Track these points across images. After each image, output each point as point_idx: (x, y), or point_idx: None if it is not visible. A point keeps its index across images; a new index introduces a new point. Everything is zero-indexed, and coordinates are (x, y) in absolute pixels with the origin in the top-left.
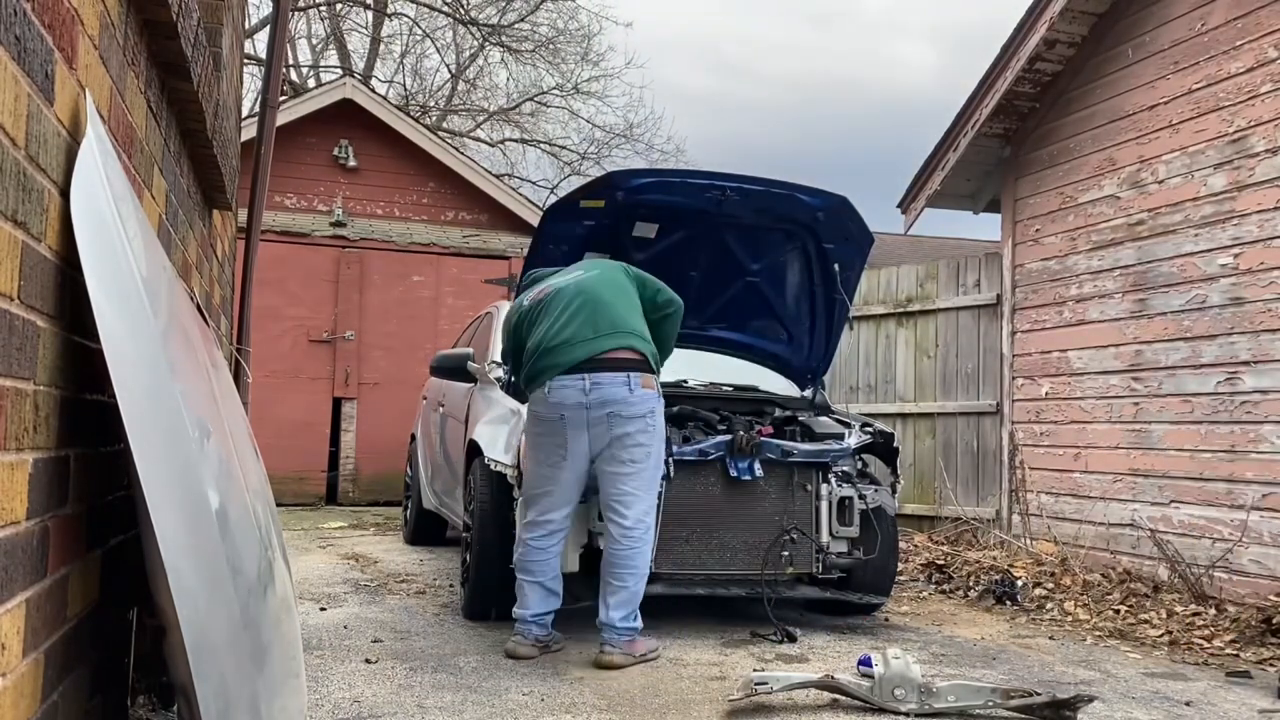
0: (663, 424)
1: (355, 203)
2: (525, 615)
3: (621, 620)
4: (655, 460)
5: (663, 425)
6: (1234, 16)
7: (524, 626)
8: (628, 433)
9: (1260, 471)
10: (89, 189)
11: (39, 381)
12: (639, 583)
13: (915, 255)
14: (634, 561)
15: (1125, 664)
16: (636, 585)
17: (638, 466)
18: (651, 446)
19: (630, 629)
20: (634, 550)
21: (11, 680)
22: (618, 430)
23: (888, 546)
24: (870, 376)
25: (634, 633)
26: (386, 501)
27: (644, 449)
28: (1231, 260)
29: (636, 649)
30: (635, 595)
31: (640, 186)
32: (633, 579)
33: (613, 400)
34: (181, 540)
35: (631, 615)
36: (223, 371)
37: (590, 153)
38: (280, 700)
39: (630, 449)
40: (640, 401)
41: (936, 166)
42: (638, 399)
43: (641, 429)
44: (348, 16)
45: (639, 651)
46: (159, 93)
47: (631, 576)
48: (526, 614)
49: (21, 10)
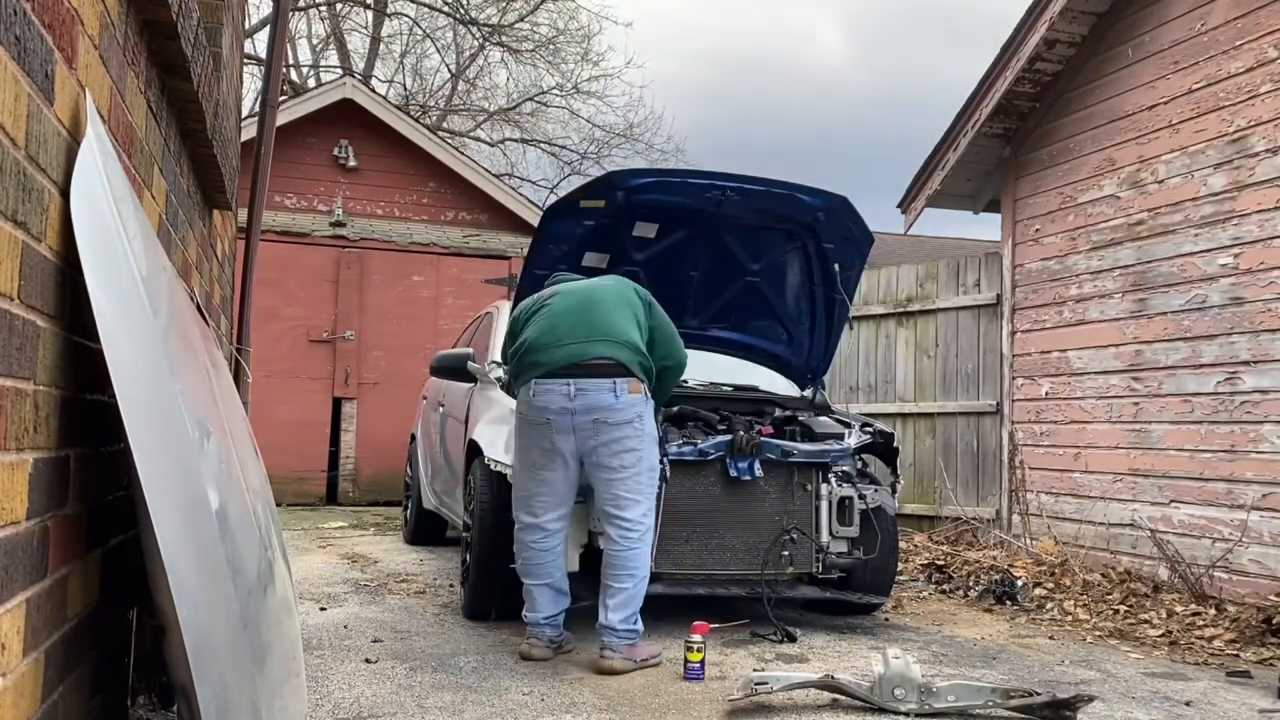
0: (653, 427)
1: (355, 203)
2: (538, 619)
3: (621, 623)
4: (648, 463)
5: (653, 428)
6: (1234, 16)
7: (538, 629)
8: (615, 438)
9: (1260, 471)
10: (89, 189)
11: (39, 381)
12: (638, 585)
13: (915, 255)
14: (633, 563)
15: (1125, 664)
16: (636, 587)
17: (629, 470)
18: (642, 450)
19: (630, 631)
20: (632, 552)
21: (11, 680)
22: (605, 436)
23: (888, 546)
24: (870, 376)
25: (635, 636)
26: (386, 501)
27: (634, 453)
28: (1231, 260)
29: (637, 653)
30: (635, 597)
31: (640, 186)
32: (631, 581)
33: (598, 406)
34: (181, 540)
35: (632, 618)
36: (223, 371)
37: (590, 153)
38: (280, 700)
39: (620, 454)
40: (626, 406)
41: (936, 166)
42: (623, 404)
43: (629, 434)
44: (348, 16)
45: (639, 656)
46: (159, 93)
47: (630, 578)
48: (539, 617)
49: (21, 10)
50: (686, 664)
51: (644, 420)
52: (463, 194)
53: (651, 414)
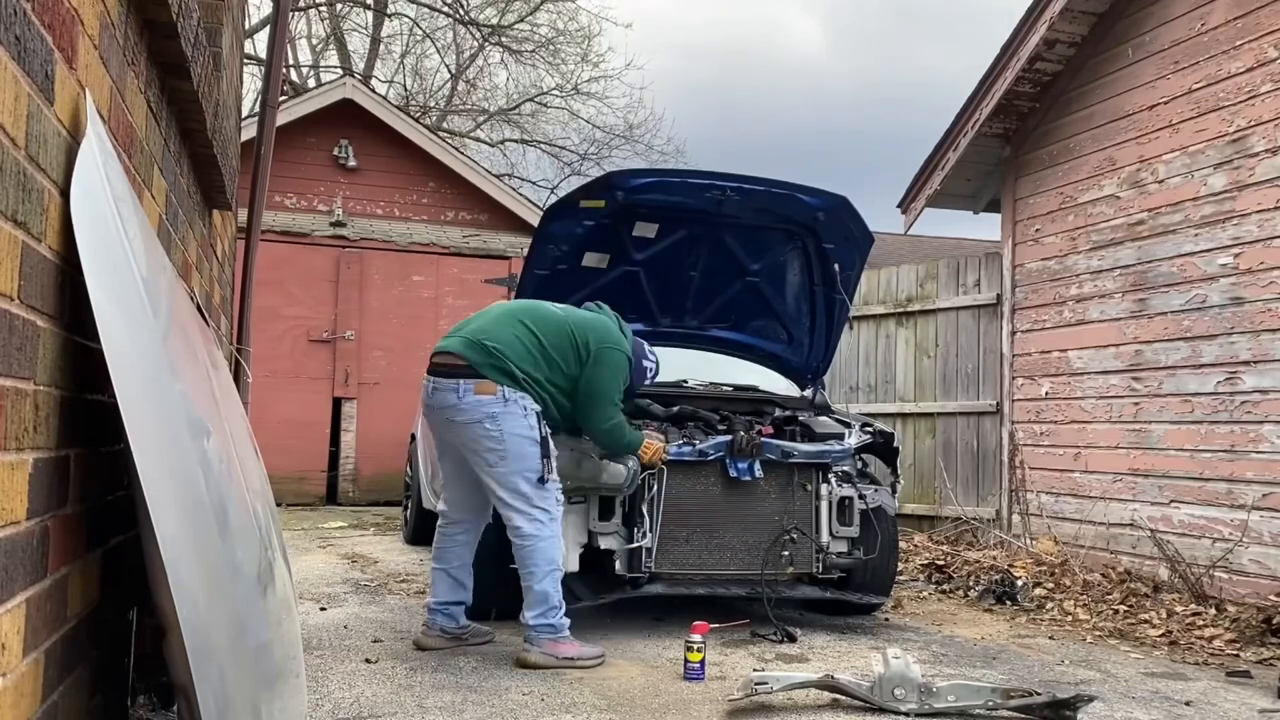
0: (521, 428)
1: (355, 203)
2: (430, 603)
3: (535, 618)
4: (517, 463)
5: (524, 427)
6: (1234, 16)
7: (430, 616)
8: (471, 436)
9: (1260, 471)
10: (89, 189)
11: (39, 381)
12: (542, 582)
13: (915, 255)
14: (530, 560)
15: (1125, 664)
16: (540, 584)
17: (495, 471)
18: (505, 449)
19: (546, 626)
20: (526, 549)
21: (11, 680)
22: (460, 435)
23: (888, 546)
24: (870, 376)
25: (554, 631)
26: (386, 501)
27: (495, 452)
28: (1231, 260)
29: (561, 650)
30: (543, 595)
31: (640, 186)
32: (533, 578)
33: (445, 405)
34: (181, 540)
35: (547, 613)
36: (223, 371)
37: (590, 153)
38: (280, 700)
39: (482, 453)
40: (471, 408)
41: (936, 166)
42: (468, 405)
43: (483, 434)
44: (348, 16)
45: (564, 653)
46: (159, 93)
47: (532, 575)
48: (431, 601)
49: (21, 10)
50: (686, 664)
51: (498, 420)
52: (463, 194)
53: (518, 415)
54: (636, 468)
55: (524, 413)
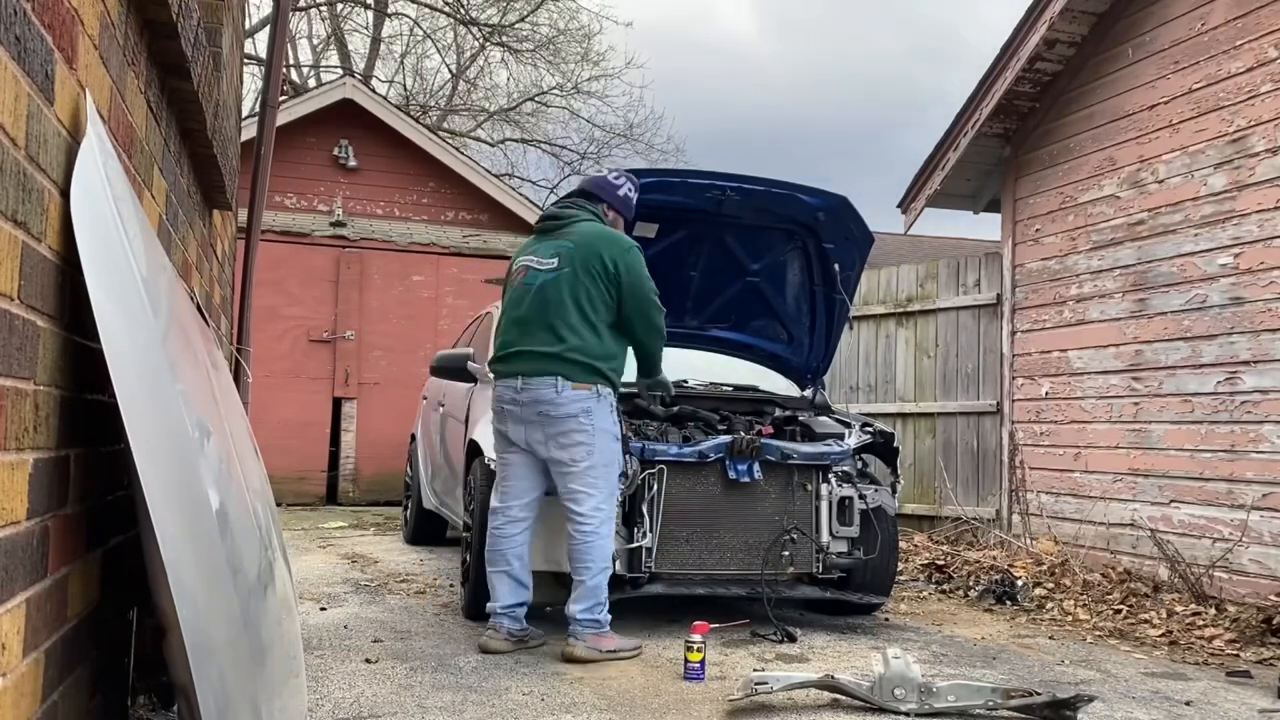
0: (608, 424)
1: (355, 203)
2: (495, 608)
3: (583, 612)
4: (602, 458)
5: (608, 425)
6: (1234, 16)
7: (495, 619)
8: (562, 431)
9: (1260, 471)
10: (89, 189)
11: (39, 381)
12: (596, 576)
13: (915, 255)
14: (589, 555)
15: (1125, 664)
16: (594, 579)
17: (580, 465)
18: (593, 444)
19: (592, 621)
20: (588, 544)
21: (12, 680)
22: (550, 429)
23: (888, 546)
24: (870, 376)
25: (599, 626)
26: (386, 501)
27: (584, 447)
28: (1231, 260)
29: (604, 644)
30: (595, 589)
31: (640, 186)
32: (588, 573)
33: (542, 401)
34: (181, 540)
35: (594, 608)
36: (223, 371)
37: (590, 152)
38: (280, 700)
39: (568, 448)
40: (569, 402)
41: (936, 166)
42: (565, 399)
43: (576, 428)
44: (348, 16)
45: (606, 647)
46: (159, 93)
47: (588, 570)
48: (496, 606)
49: (21, 10)
50: (686, 664)
51: (591, 415)
52: (463, 194)
53: (606, 410)
54: (636, 468)
55: (611, 409)
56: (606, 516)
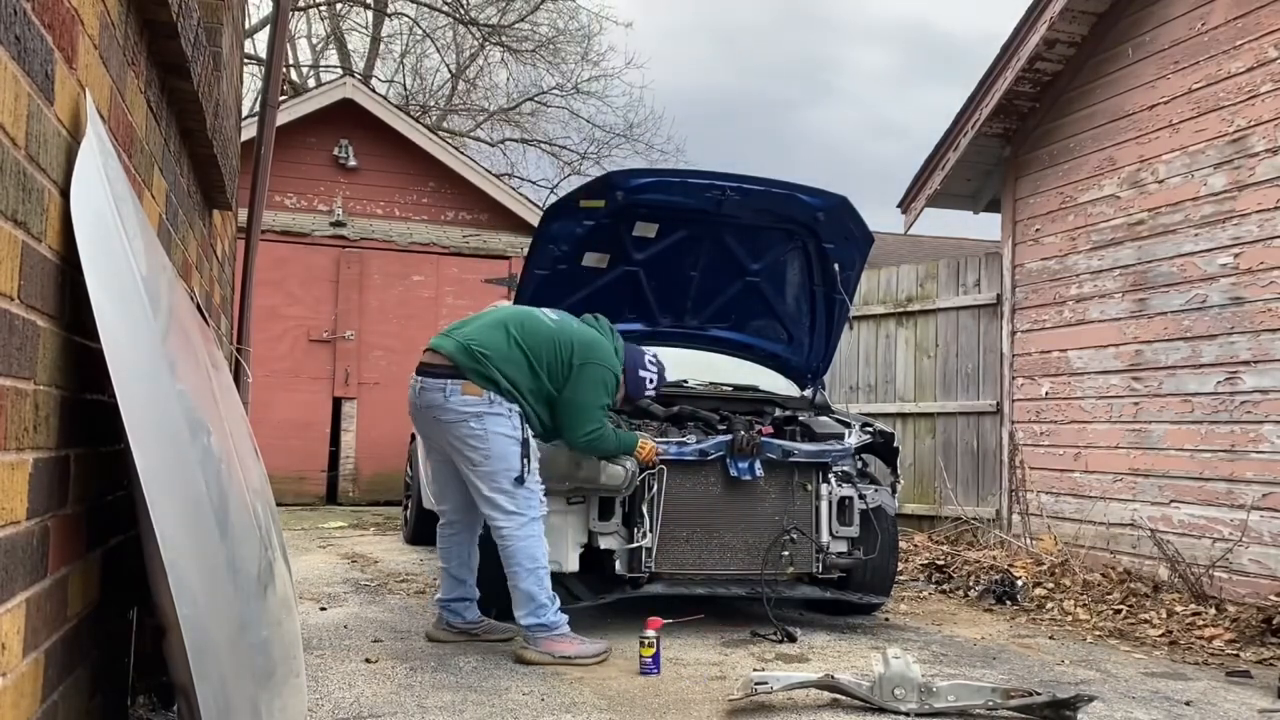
0: (506, 426)
1: (355, 203)
2: (438, 599)
3: (525, 618)
4: (499, 462)
5: (507, 428)
6: (1234, 16)
7: (439, 611)
8: (456, 435)
9: (1260, 471)
10: (89, 189)
11: (39, 381)
12: (525, 580)
13: (915, 255)
14: (511, 560)
15: (1125, 664)
16: (524, 584)
17: (478, 470)
18: (489, 449)
19: (539, 625)
20: (506, 548)
21: (11, 680)
22: (445, 433)
23: (888, 546)
24: (870, 376)
25: (548, 629)
26: (386, 501)
27: (479, 451)
28: (1231, 260)
29: (559, 648)
30: (528, 594)
31: (640, 186)
32: (516, 577)
33: (432, 404)
34: (181, 540)
35: (537, 611)
36: (223, 371)
37: (590, 153)
38: (280, 700)
39: (466, 452)
40: (457, 406)
41: (936, 166)
42: (454, 404)
43: (468, 433)
44: (348, 16)
45: (562, 651)
46: (159, 92)
47: (514, 574)
48: (438, 598)
49: (21, 10)
50: (640, 659)
51: (482, 420)
52: (463, 194)
53: (505, 417)
54: (635, 468)
55: (507, 414)
56: (526, 520)
